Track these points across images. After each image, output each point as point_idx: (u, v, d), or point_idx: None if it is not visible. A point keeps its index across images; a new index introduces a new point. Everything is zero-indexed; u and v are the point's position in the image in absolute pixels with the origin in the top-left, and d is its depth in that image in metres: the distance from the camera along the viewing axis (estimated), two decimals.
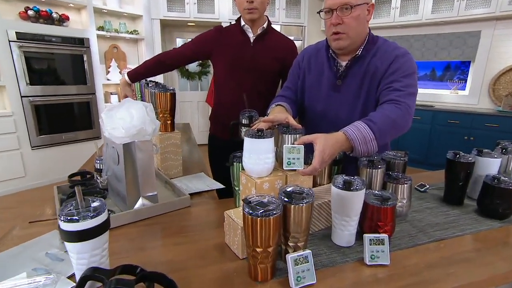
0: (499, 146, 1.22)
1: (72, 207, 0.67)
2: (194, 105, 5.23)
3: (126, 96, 1.68)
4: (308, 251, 0.73)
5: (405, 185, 0.96)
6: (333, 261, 0.79)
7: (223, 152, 1.26)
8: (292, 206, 0.73)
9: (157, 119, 1.34)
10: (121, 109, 0.95)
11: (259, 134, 0.88)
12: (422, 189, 1.20)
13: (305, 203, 0.73)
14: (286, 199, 0.73)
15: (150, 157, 1.02)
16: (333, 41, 1.08)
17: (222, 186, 1.25)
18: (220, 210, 1.06)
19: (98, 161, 1.11)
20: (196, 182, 1.30)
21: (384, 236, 0.78)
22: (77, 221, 0.64)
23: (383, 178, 0.99)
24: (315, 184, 1.04)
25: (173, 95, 1.31)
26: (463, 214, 1.02)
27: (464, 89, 4.08)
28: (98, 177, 1.12)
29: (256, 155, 0.88)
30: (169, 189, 1.23)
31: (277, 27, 3.74)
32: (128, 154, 0.97)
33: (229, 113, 1.50)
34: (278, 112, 1.05)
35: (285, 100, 1.23)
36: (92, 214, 0.66)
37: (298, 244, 0.77)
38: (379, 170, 0.97)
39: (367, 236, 0.78)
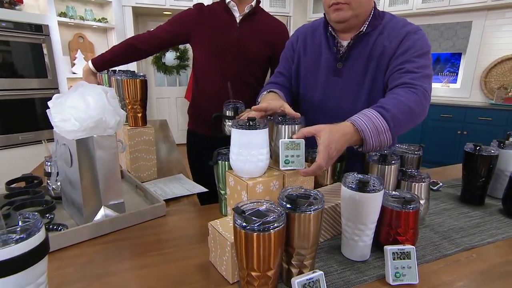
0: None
1: None
2: (172, 102, 4.96)
3: None
4: (319, 273, 0.56)
5: (423, 183, 0.81)
6: (348, 281, 0.63)
7: (204, 151, 1.08)
8: (297, 214, 0.57)
9: (125, 111, 1.14)
10: (73, 95, 0.75)
11: (251, 124, 0.71)
12: (435, 188, 1.06)
13: (313, 210, 0.57)
14: (289, 206, 0.57)
15: (113, 156, 0.82)
16: (333, 12, 0.91)
17: (205, 190, 1.07)
18: (202, 219, 0.88)
19: (48, 163, 0.90)
20: (174, 186, 1.10)
21: (410, 248, 0.63)
22: None
23: (397, 176, 0.84)
24: (316, 186, 0.88)
25: (143, 83, 1.10)
26: (487, 215, 0.89)
27: (456, 82, 4.03)
28: (50, 183, 0.90)
29: (247, 151, 0.71)
30: (141, 194, 1.03)
31: None
32: (84, 152, 0.77)
33: (211, 105, 1.32)
34: (271, 100, 0.88)
35: (277, 87, 1.06)
36: (17, 237, 0.46)
37: (305, 262, 0.61)
38: (392, 166, 0.82)
39: (389, 249, 0.63)
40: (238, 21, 1.30)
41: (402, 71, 0.87)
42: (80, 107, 0.74)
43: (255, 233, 0.51)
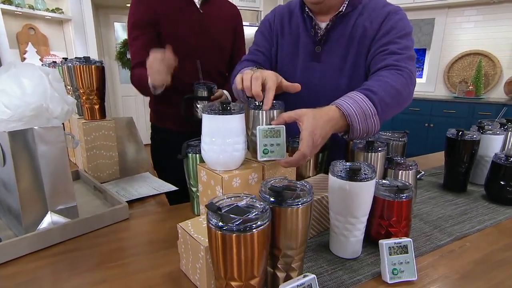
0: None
1: None
2: (139, 100, 4.71)
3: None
4: (311, 277, 0.48)
5: (410, 171, 0.76)
6: (341, 282, 0.56)
7: (170, 147, 0.96)
8: (283, 209, 0.48)
9: (79, 102, 1.00)
10: (3, 77, 0.61)
11: (225, 108, 0.61)
12: (418, 176, 1.03)
13: (301, 203, 0.49)
14: (273, 200, 0.48)
15: (61, 152, 0.69)
16: None
17: (174, 188, 0.96)
18: (172, 221, 0.77)
19: None
20: (139, 185, 0.98)
21: (407, 241, 0.57)
22: None
23: (384, 164, 0.78)
24: (298, 178, 0.81)
25: (100, 69, 0.97)
26: (471, 202, 0.87)
27: (422, 77, 4.20)
28: None
29: (221, 139, 0.62)
30: (100, 197, 0.90)
31: None
32: (20, 148, 0.63)
33: (175, 95, 1.18)
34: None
35: (255, 64, 0.94)
36: None
37: (292, 265, 0.52)
38: (379, 154, 0.76)
39: (385, 243, 0.56)
40: (198, 5, 1.17)
41: (386, 52, 0.82)
42: (12, 91, 0.60)
43: (235, 234, 0.42)
